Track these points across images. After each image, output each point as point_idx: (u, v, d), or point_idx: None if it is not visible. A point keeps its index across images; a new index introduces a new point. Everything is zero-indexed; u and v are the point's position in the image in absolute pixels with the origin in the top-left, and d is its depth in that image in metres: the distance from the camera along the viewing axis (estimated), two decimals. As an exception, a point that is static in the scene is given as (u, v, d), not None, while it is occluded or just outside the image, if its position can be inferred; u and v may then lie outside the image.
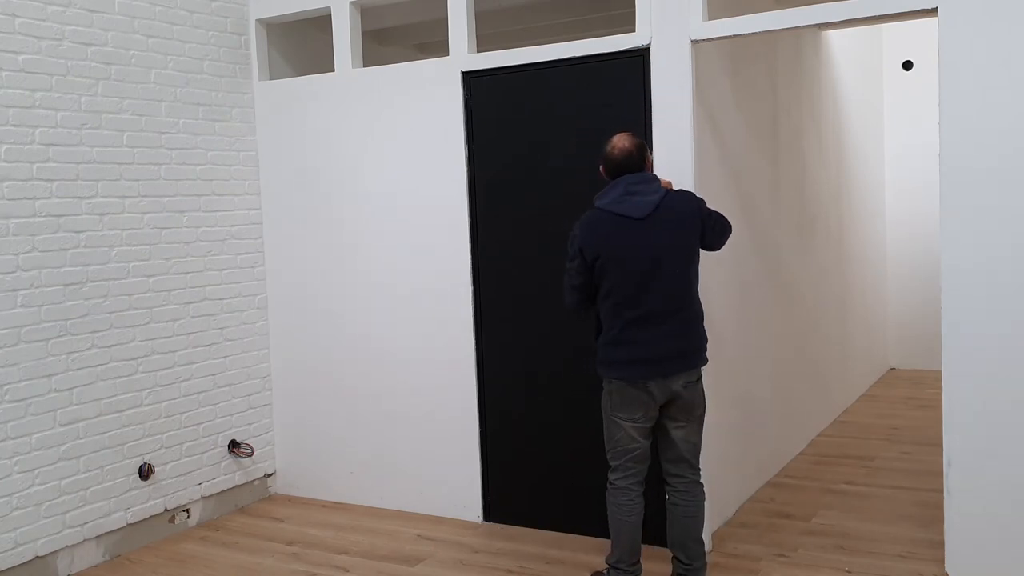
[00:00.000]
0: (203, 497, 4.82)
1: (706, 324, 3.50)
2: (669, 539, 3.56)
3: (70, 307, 4.16)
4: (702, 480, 3.56)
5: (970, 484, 3.55)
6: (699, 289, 3.48)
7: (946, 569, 3.66)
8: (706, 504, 3.60)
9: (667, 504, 3.55)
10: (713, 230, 3.48)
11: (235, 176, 5.00)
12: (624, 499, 3.47)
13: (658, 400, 3.37)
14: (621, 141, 3.43)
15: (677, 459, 3.50)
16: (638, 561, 3.53)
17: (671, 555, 3.58)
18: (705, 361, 3.47)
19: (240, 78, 5.04)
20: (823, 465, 5.30)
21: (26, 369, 3.99)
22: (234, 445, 4.97)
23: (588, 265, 3.36)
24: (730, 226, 3.57)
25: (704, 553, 3.56)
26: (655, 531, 3.81)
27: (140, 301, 4.48)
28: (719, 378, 4.12)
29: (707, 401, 3.54)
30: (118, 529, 4.38)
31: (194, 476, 4.76)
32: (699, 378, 3.46)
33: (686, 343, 3.41)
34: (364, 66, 4.83)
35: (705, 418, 3.54)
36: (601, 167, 3.48)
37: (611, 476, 3.51)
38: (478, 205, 4.51)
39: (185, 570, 4.20)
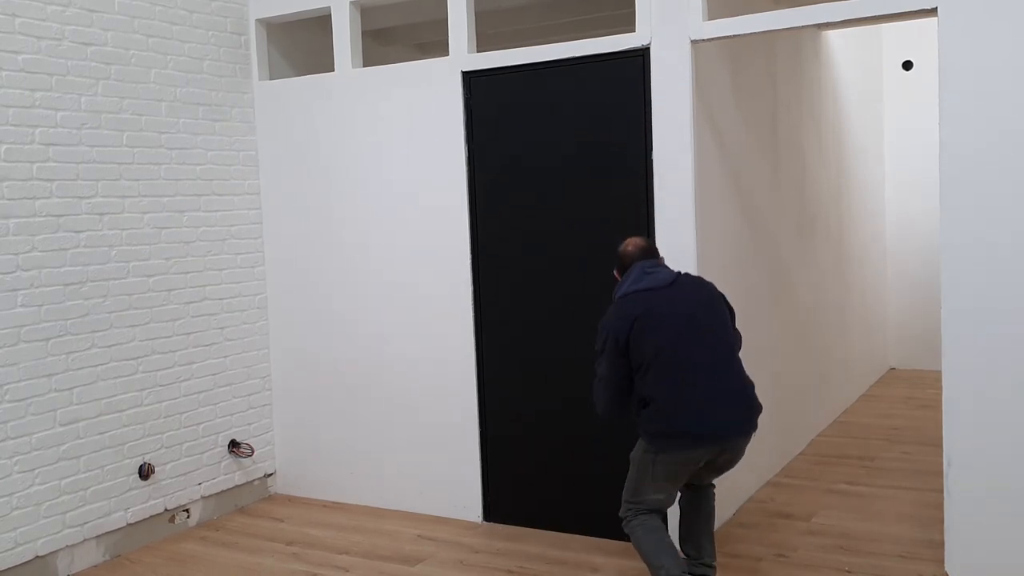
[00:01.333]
0: (203, 497, 4.82)
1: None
2: (681, 537, 3.55)
3: (70, 307, 4.16)
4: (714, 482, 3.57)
5: (970, 484, 3.55)
6: None
7: (946, 569, 3.66)
8: None
9: (680, 503, 3.55)
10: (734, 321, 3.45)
11: (235, 176, 5.00)
12: (645, 516, 3.35)
13: (705, 460, 3.29)
14: (634, 240, 3.51)
15: (699, 484, 3.51)
16: (686, 571, 3.36)
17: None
18: (755, 427, 3.33)
19: (240, 78, 5.04)
20: (823, 465, 5.30)
21: (26, 369, 3.99)
22: (234, 445, 4.96)
23: (622, 348, 3.24)
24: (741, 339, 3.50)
25: (715, 552, 3.56)
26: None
27: (140, 301, 4.48)
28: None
29: None
30: (118, 529, 4.38)
31: (194, 476, 4.76)
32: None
33: (741, 400, 3.29)
34: (364, 66, 4.84)
35: None
36: (615, 271, 3.49)
37: (628, 516, 3.38)
38: (478, 205, 4.51)
39: (185, 570, 4.20)
